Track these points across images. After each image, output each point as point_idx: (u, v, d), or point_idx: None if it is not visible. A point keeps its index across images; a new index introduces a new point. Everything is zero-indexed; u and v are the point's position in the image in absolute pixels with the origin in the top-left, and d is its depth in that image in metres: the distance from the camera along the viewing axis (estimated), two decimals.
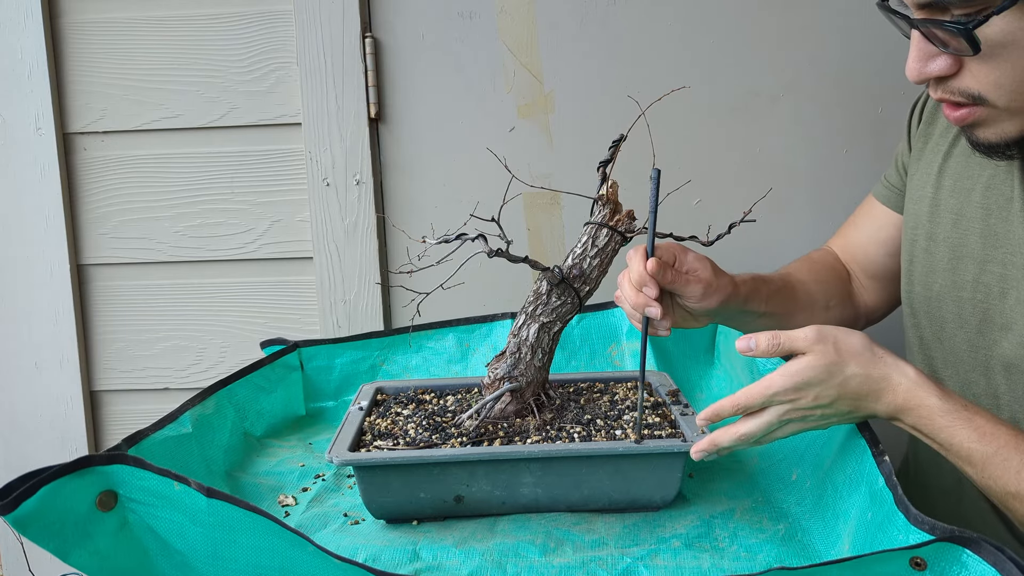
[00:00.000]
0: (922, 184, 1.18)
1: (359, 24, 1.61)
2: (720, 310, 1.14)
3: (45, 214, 1.67)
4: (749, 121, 1.63)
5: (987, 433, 0.89)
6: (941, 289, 1.13)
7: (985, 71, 0.92)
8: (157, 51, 1.64)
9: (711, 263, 1.13)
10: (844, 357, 0.93)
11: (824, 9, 1.59)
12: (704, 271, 1.11)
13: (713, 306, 1.12)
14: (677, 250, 1.12)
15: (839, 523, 0.96)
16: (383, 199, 1.68)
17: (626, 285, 1.10)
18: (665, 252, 1.11)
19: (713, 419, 0.99)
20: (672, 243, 1.13)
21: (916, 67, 0.96)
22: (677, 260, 1.12)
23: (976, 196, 1.10)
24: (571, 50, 1.63)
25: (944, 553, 0.73)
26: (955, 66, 0.94)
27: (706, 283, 1.11)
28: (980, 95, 0.94)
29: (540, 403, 1.14)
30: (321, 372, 1.42)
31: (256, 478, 1.17)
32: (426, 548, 0.98)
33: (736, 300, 1.15)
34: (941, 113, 1.20)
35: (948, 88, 0.96)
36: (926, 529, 0.78)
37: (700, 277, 1.11)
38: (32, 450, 1.73)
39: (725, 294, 1.13)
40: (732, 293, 1.14)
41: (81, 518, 0.77)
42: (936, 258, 1.14)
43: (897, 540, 0.81)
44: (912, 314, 1.19)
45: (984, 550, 0.71)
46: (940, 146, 1.17)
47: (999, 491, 0.89)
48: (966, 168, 1.12)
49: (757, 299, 1.19)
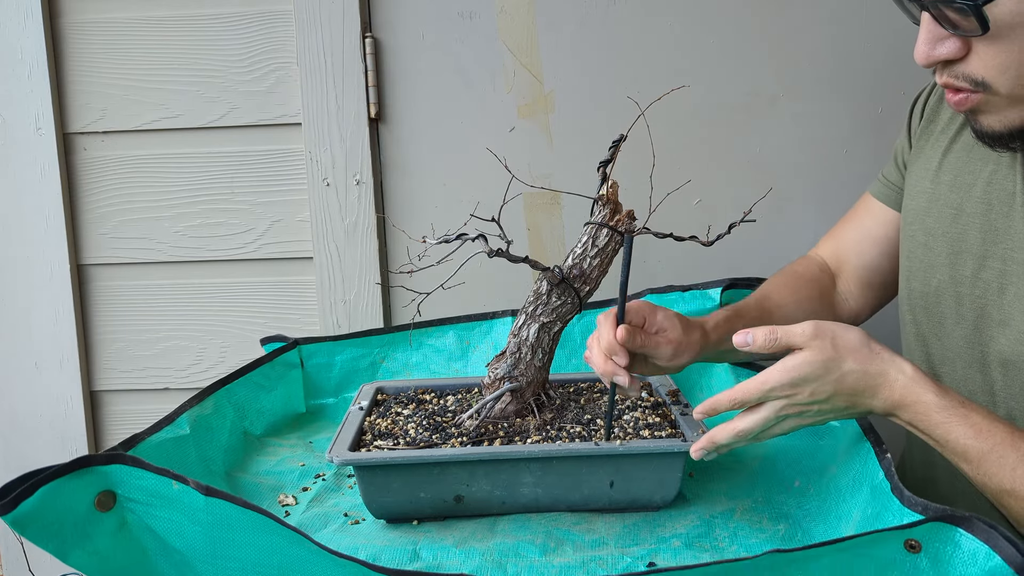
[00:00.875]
0: (920, 179, 1.18)
1: (359, 24, 1.61)
2: (695, 360, 1.14)
3: (45, 214, 1.67)
4: (749, 121, 1.63)
5: (983, 430, 0.90)
6: (939, 284, 1.13)
7: (992, 54, 0.93)
8: (157, 51, 1.64)
9: (681, 320, 1.12)
10: (841, 353, 0.93)
11: (824, 9, 1.59)
12: (673, 331, 1.11)
13: (685, 361, 1.12)
14: (647, 311, 1.11)
15: (841, 524, 0.96)
16: (383, 199, 1.68)
17: (595, 350, 1.09)
18: (635, 315, 1.10)
19: (710, 412, 0.99)
20: (642, 303, 1.12)
21: (924, 50, 0.96)
22: (647, 321, 1.11)
23: (977, 191, 1.10)
24: (571, 50, 1.63)
25: (937, 533, 0.73)
26: (963, 49, 0.95)
27: (676, 343, 1.10)
28: (984, 80, 0.94)
29: (540, 403, 1.14)
30: (321, 369, 1.42)
31: (256, 478, 1.17)
32: (426, 548, 0.98)
33: (709, 347, 1.15)
34: (943, 110, 1.20)
35: (954, 72, 0.96)
36: (919, 510, 0.79)
37: (670, 338, 1.10)
38: (32, 450, 1.73)
39: (696, 349, 1.13)
40: (704, 345, 1.14)
41: (80, 518, 0.77)
42: (935, 253, 1.14)
43: (892, 523, 0.81)
44: (910, 310, 1.19)
45: (977, 528, 0.72)
46: (940, 142, 1.18)
47: (994, 488, 0.90)
48: (967, 163, 1.13)
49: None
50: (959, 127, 1.16)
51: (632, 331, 1.07)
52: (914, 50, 0.97)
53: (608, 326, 1.08)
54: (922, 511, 0.78)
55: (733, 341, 0.98)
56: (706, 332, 1.15)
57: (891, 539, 0.73)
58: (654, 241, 1.16)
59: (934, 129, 1.20)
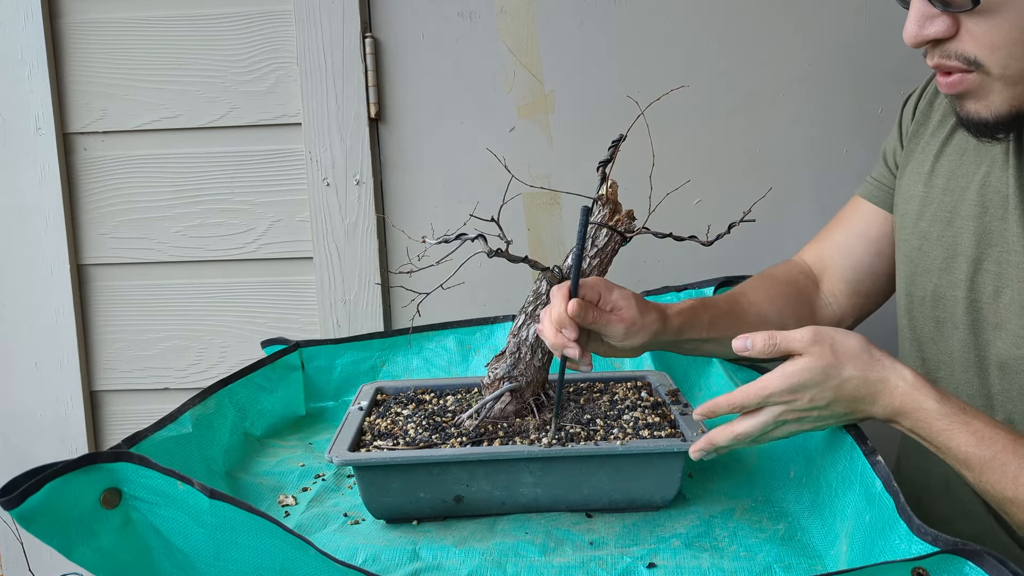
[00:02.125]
0: (913, 183, 1.18)
1: (359, 24, 1.61)
2: (651, 343, 1.12)
3: (45, 214, 1.67)
4: (749, 121, 1.63)
5: (985, 437, 0.89)
6: (935, 288, 1.13)
7: (982, 31, 0.93)
8: (157, 51, 1.64)
9: (637, 300, 1.10)
10: (841, 359, 0.93)
11: (824, 9, 1.59)
12: (628, 310, 1.08)
13: (638, 343, 1.10)
14: (602, 287, 1.09)
15: (836, 522, 0.97)
16: (383, 199, 1.68)
17: (546, 322, 1.06)
18: (590, 291, 1.07)
19: (709, 415, 0.99)
20: (598, 280, 1.10)
21: (914, 30, 0.96)
22: (601, 298, 1.08)
23: (971, 195, 1.09)
24: (571, 50, 1.63)
25: (946, 565, 0.73)
26: (952, 28, 0.94)
27: (629, 322, 1.08)
28: (976, 59, 0.94)
29: (540, 403, 1.14)
30: (322, 372, 1.42)
31: (256, 478, 1.17)
32: (426, 548, 0.98)
33: (668, 332, 1.12)
34: (934, 112, 1.19)
35: (944, 52, 0.96)
36: (929, 540, 0.77)
37: (623, 316, 1.08)
38: (32, 450, 1.73)
39: (651, 331, 1.10)
40: (661, 328, 1.11)
41: (85, 515, 0.78)
42: (930, 258, 1.14)
43: (898, 549, 0.81)
44: (907, 314, 1.19)
45: (987, 563, 0.71)
46: (932, 145, 1.17)
47: (996, 496, 0.89)
48: (959, 166, 1.12)
49: (696, 327, 1.16)
50: (950, 130, 1.16)
51: (585, 306, 1.04)
52: (903, 30, 0.97)
53: (560, 299, 1.05)
54: (932, 541, 0.77)
55: (732, 345, 0.97)
56: (667, 317, 1.12)
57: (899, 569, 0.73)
58: (653, 241, 1.16)
59: (924, 132, 1.20)
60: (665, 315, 1.13)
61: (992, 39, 0.92)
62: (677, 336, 1.14)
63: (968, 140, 1.11)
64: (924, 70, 1.07)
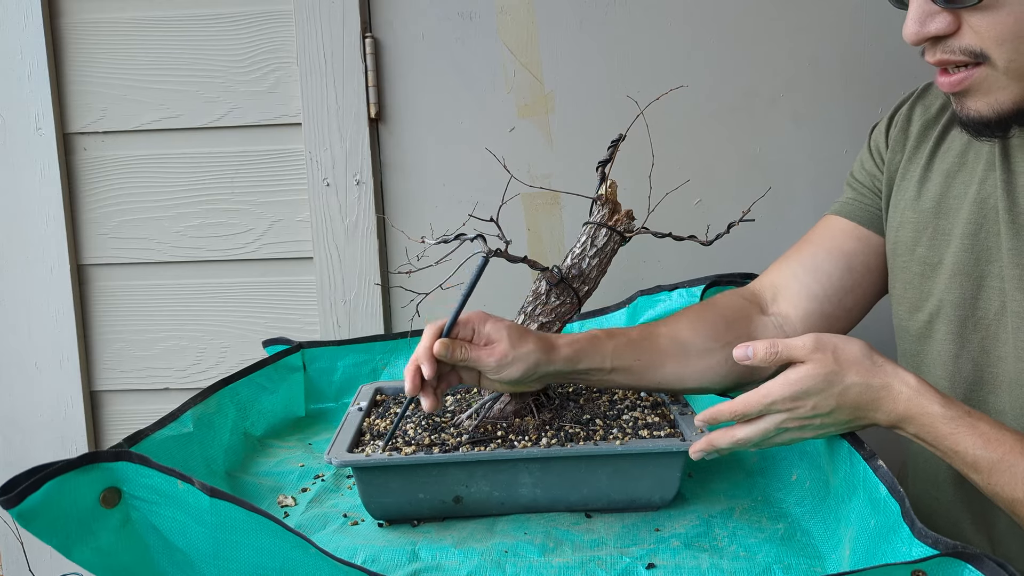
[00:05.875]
0: (902, 210, 1.15)
1: (359, 24, 1.61)
2: (536, 375, 1.05)
3: (45, 214, 1.67)
4: (749, 121, 1.63)
5: (992, 439, 0.89)
6: (940, 309, 1.11)
7: (985, 25, 0.91)
8: (157, 51, 1.64)
9: (511, 332, 1.04)
10: (843, 366, 0.92)
11: (824, 9, 1.59)
12: (500, 343, 1.03)
13: (516, 375, 1.04)
14: (476, 321, 1.05)
15: (840, 527, 0.96)
16: (383, 199, 1.68)
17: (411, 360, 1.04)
18: (464, 327, 1.04)
19: (710, 422, 0.99)
20: (477, 313, 1.06)
21: (915, 28, 0.94)
22: (475, 332, 1.05)
23: (964, 214, 1.08)
24: (571, 50, 1.63)
25: (946, 568, 0.73)
26: (954, 24, 0.93)
27: (499, 355, 1.03)
28: (982, 51, 0.92)
29: (539, 403, 1.14)
30: (323, 374, 1.42)
31: (256, 478, 1.17)
32: (425, 548, 0.99)
33: (556, 363, 1.05)
34: (909, 136, 1.17)
35: (948, 47, 0.94)
36: (929, 543, 0.77)
37: (493, 351, 1.03)
38: (32, 450, 1.73)
39: (528, 363, 1.03)
40: (543, 359, 1.04)
41: (85, 514, 0.78)
42: (933, 282, 1.12)
43: (900, 552, 0.81)
44: (904, 340, 1.17)
45: (987, 566, 0.71)
46: (912, 172, 1.15)
47: (1007, 498, 0.89)
48: (949, 188, 1.11)
49: (596, 356, 1.08)
50: (929, 154, 1.13)
51: (453, 345, 1.02)
52: (903, 29, 0.95)
53: (430, 334, 1.03)
54: (932, 544, 0.77)
55: (733, 354, 0.96)
56: (553, 347, 1.06)
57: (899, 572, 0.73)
58: (653, 241, 1.16)
59: (899, 159, 1.17)
60: (551, 345, 1.06)
61: (997, 32, 0.91)
62: (572, 366, 1.07)
63: (953, 160, 1.11)
64: (922, 70, 1.06)
